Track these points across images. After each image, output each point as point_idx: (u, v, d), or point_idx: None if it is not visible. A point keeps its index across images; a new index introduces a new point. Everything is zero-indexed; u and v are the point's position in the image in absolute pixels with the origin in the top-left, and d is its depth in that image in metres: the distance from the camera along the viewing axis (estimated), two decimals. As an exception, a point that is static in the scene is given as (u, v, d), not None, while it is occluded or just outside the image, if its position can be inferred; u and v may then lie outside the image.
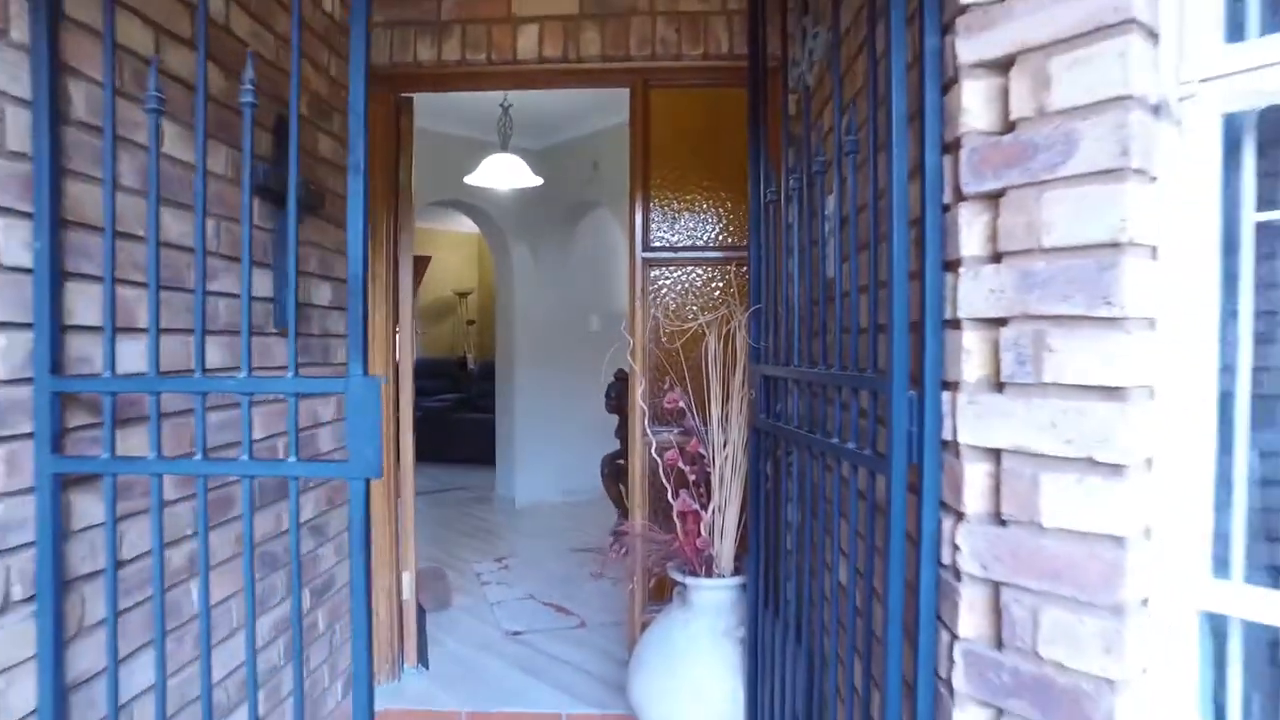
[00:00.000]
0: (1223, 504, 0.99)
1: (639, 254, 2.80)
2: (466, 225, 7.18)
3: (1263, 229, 0.98)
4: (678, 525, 2.35)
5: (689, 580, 2.27)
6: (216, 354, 1.78)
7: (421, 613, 3.03)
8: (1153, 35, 0.97)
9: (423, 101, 3.05)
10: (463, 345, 9.40)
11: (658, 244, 2.82)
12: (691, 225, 2.83)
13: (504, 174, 4.29)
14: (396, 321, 2.84)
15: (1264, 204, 0.97)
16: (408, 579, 2.92)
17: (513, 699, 2.77)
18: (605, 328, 6.09)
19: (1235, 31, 0.96)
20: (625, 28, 2.63)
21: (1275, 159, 0.97)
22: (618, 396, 4.64)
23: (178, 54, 1.64)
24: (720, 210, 2.82)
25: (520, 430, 5.90)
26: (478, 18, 2.65)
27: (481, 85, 2.90)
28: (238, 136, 1.33)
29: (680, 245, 2.83)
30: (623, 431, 4.75)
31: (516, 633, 3.39)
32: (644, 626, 2.59)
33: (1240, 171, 0.98)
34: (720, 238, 2.83)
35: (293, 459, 1.27)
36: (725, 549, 2.29)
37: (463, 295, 9.39)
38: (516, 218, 5.64)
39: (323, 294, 2.41)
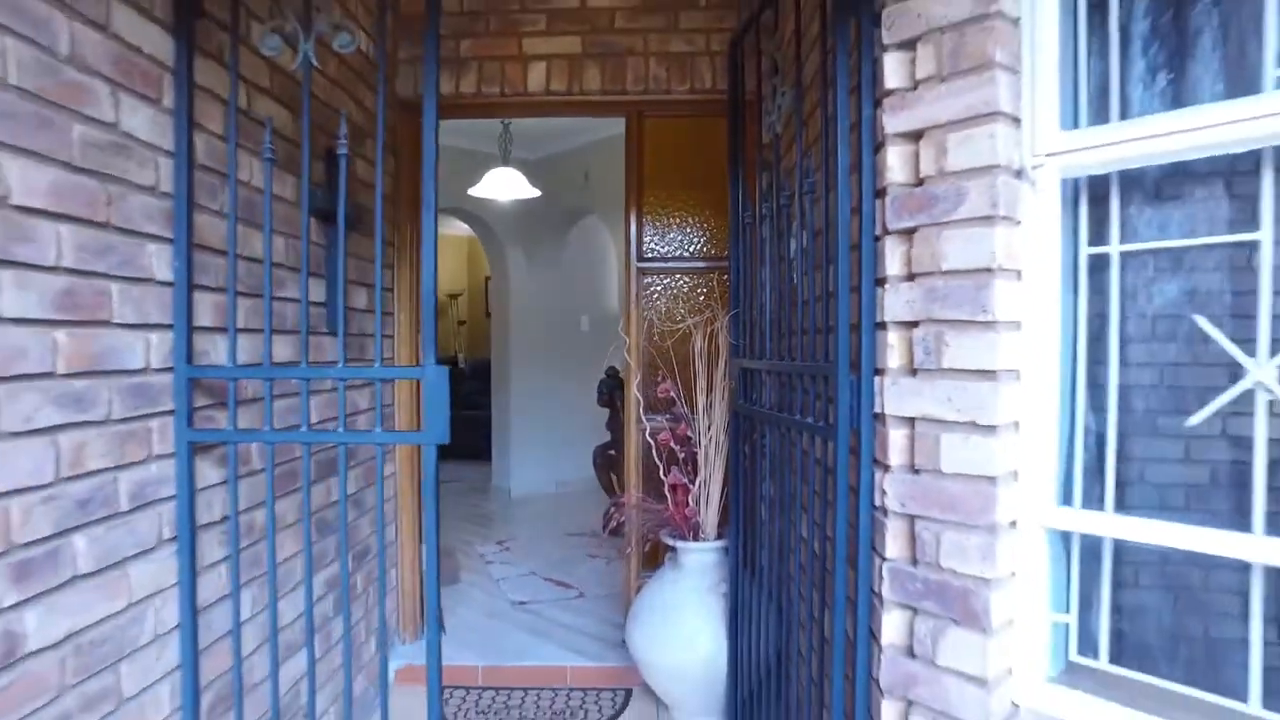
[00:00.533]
0: (1065, 454, 1.39)
1: (634, 263, 3.19)
2: (457, 228, 7.50)
3: (1093, 259, 1.38)
4: (669, 498, 2.73)
5: (679, 544, 2.66)
6: (282, 350, 2.13)
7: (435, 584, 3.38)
8: (1016, 121, 1.37)
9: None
10: (454, 345, 9.72)
11: (650, 255, 3.21)
12: (679, 238, 3.22)
13: (505, 186, 4.65)
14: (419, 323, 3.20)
15: (1093, 241, 1.37)
16: (424, 551, 3.27)
17: (522, 655, 3.14)
18: (594, 328, 6.47)
19: (1069, 120, 1.36)
20: (622, 66, 3.02)
21: (1102, 209, 1.37)
22: (609, 391, 5.02)
23: (261, 101, 2.00)
24: (704, 226, 3.21)
25: (515, 425, 6.25)
26: (493, 55, 3.02)
27: (495, 114, 3.28)
28: (300, 166, 1.67)
29: (670, 256, 3.22)
30: (613, 423, 5.14)
31: (521, 603, 3.76)
32: (638, 590, 2.97)
33: (1076, 218, 1.38)
34: (704, 250, 3.22)
35: (378, 430, 1.64)
36: (710, 517, 2.67)
37: (454, 297, 9.72)
38: (513, 225, 6.00)
39: (359, 299, 2.77)
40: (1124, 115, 1.32)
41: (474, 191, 4.83)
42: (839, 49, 1.59)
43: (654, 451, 2.84)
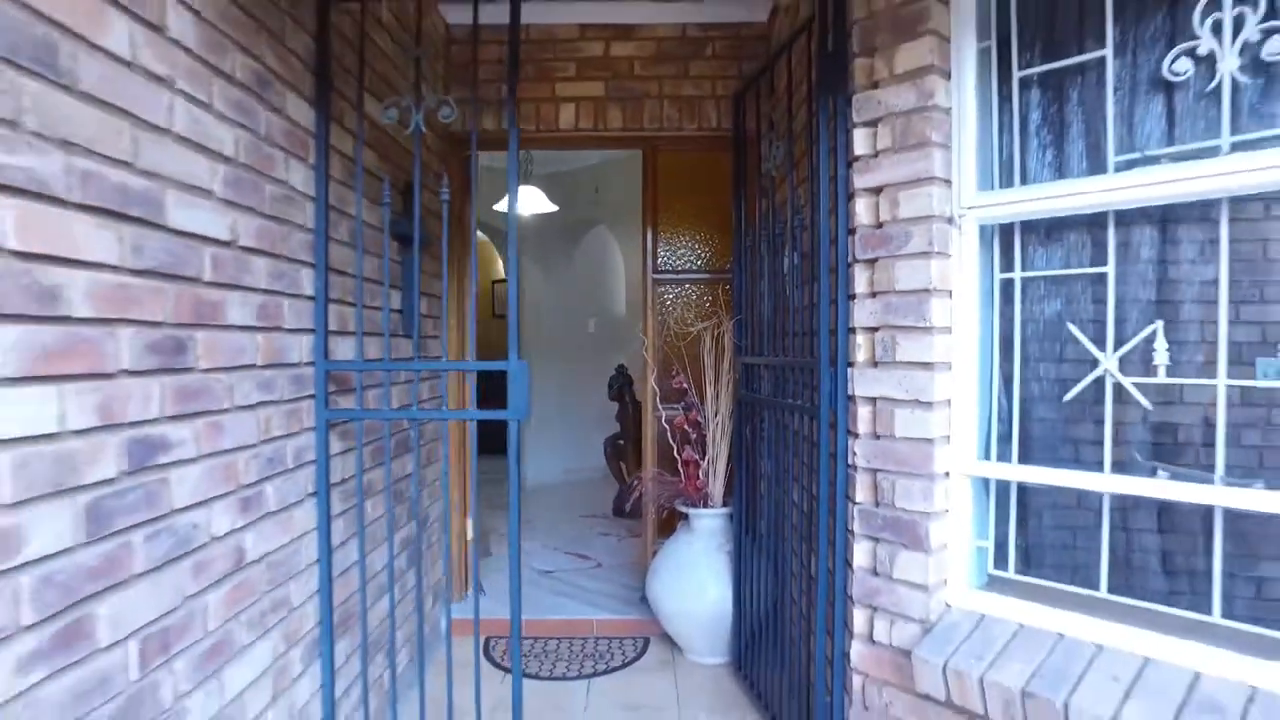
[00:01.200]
0: (983, 422, 1.92)
1: (649, 275, 3.71)
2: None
3: (1003, 282, 1.91)
4: (682, 472, 3.26)
5: (692, 511, 3.19)
6: (369, 349, 2.63)
7: (477, 552, 3.89)
8: (947, 183, 1.90)
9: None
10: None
11: (663, 268, 3.73)
12: (688, 254, 3.75)
13: (527, 203, 5.15)
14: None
15: (1003, 269, 1.90)
16: (470, 524, 3.79)
17: (554, 611, 3.66)
18: (600, 330, 6.99)
19: (985, 183, 1.89)
20: (640, 107, 3.54)
21: (1008, 246, 1.90)
22: (618, 386, 5.54)
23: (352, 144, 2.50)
24: (710, 243, 3.74)
25: (529, 419, 6.76)
26: (531, 97, 3.54)
27: (532, 147, 3.80)
28: (382, 193, 2.19)
29: (680, 269, 3.75)
30: (622, 415, 5.66)
31: (548, 571, 4.27)
32: (654, 552, 3.49)
33: (991, 252, 1.91)
34: (710, 263, 3.74)
35: (472, 408, 2.16)
36: (717, 489, 3.20)
37: (462, 299, 10.20)
38: (529, 236, 6.51)
39: (422, 306, 3.28)
40: (1023, 181, 1.86)
41: (498, 207, 5.34)
42: (820, 119, 2.12)
43: (669, 435, 3.37)
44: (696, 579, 3.12)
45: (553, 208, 5.34)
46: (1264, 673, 1.46)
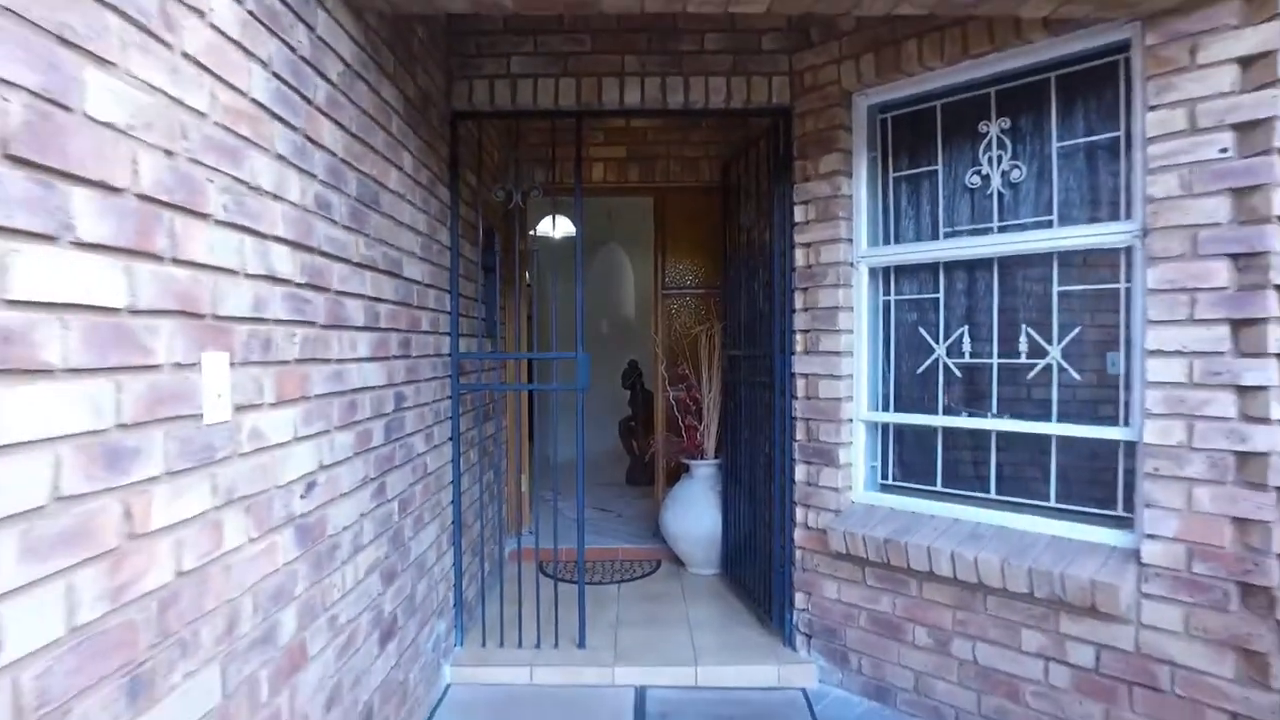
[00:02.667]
0: (871, 388, 3.13)
1: (660, 290, 4.91)
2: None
3: (884, 302, 3.12)
4: (685, 435, 4.46)
5: (692, 462, 4.39)
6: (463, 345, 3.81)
7: (535, 496, 5.09)
8: (850, 240, 3.11)
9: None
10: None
11: (669, 285, 4.93)
12: (688, 274, 4.95)
13: (558, 227, 6.34)
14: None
15: (884, 294, 3.11)
16: (524, 478, 4.99)
17: (587, 543, 4.84)
18: (611, 331, 8.18)
19: (872, 241, 3.10)
20: (653, 165, 4.74)
21: (887, 279, 3.10)
22: (630, 378, 6.73)
23: (463, 208, 3.69)
24: (704, 266, 4.94)
25: (553, 406, 7.95)
26: (568, 158, 4.72)
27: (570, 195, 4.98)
28: (477, 237, 3.38)
29: (682, 285, 4.95)
30: (634, 401, 6.85)
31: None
32: (665, 493, 4.68)
33: (878, 285, 3.12)
34: (703, 281, 4.95)
35: (553, 384, 3.35)
36: (710, 445, 4.40)
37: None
38: (555, 252, 7.68)
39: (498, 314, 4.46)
40: (895, 242, 3.06)
41: (532, 231, 6.52)
42: (775, 198, 3.33)
43: (675, 409, 4.57)
44: (696, 511, 4.32)
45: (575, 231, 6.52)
46: (1008, 518, 2.67)
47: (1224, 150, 2.12)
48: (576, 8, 2.37)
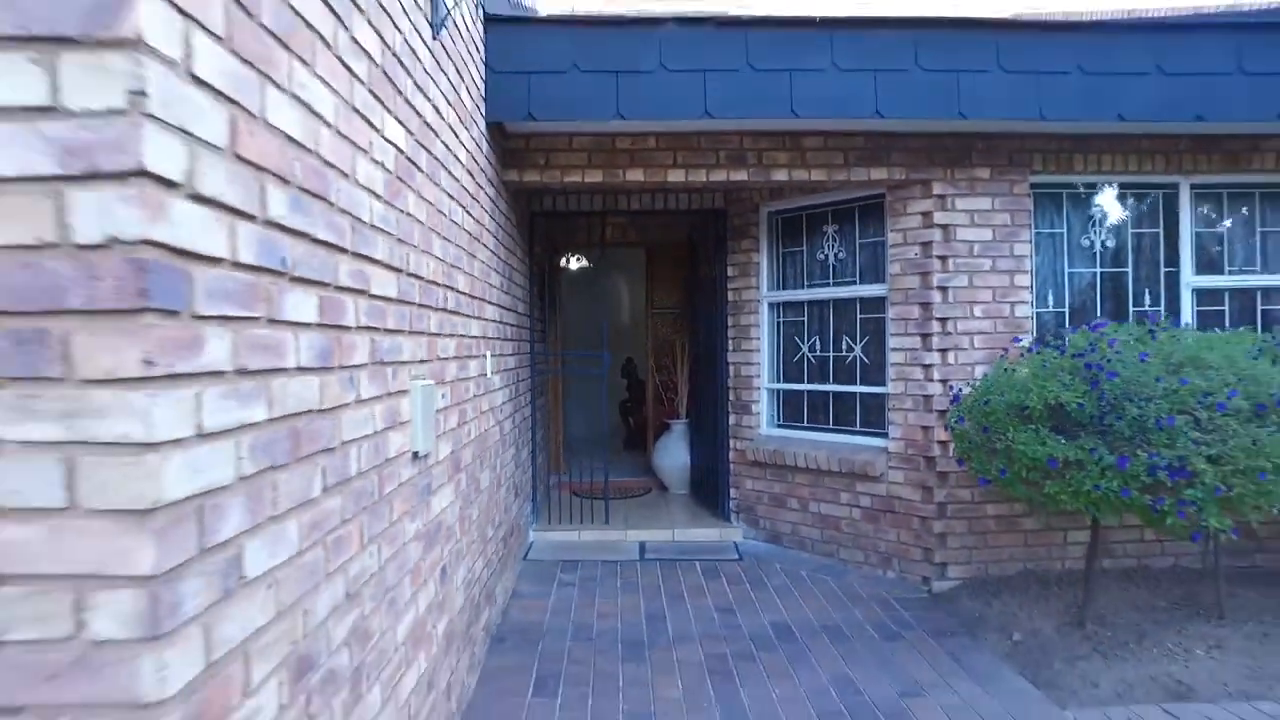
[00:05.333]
0: (771, 368, 5.58)
1: (650, 310, 7.34)
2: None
3: (777, 323, 5.56)
4: (667, 404, 6.89)
5: (672, 421, 6.82)
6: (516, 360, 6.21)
7: (563, 450, 7.48)
8: (758, 286, 5.55)
9: (558, 246, 7.55)
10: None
11: (656, 307, 7.36)
12: (668, 299, 7.38)
13: (575, 261, 8.73)
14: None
15: (777, 318, 5.56)
16: (560, 437, 7.39)
17: (601, 476, 7.26)
18: (611, 335, 10.58)
19: (772, 286, 5.54)
20: (645, 229, 7.16)
21: (781, 308, 5.53)
22: (628, 371, 9.16)
23: (504, 245, 6.10)
24: (679, 295, 7.37)
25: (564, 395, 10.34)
26: (593, 227, 7.14)
27: (588, 250, 7.41)
28: (524, 272, 5.77)
29: (665, 307, 7.38)
30: (630, 389, 9.28)
31: (595, 468, 7.87)
32: (654, 441, 7.10)
33: (773, 312, 5.57)
34: (679, 305, 7.37)
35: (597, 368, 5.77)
36: (682, 410, 6.83)
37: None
38: (569, 277, 10.09)
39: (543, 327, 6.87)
40: (783, 288, 5.50)
41: (563, 263, 8.90)
42: (718, 261, 5.76)
43: (660, 389, 7.00)
44: (673, 450, 6.74)
45: (587, 264, 8.96)
46: (836, 437, 5.12)
47: (915, 253, 4.58)
48: (611, 188, 4.76)
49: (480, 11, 3.67)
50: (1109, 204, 4.77)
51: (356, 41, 1.88)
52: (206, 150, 1.21)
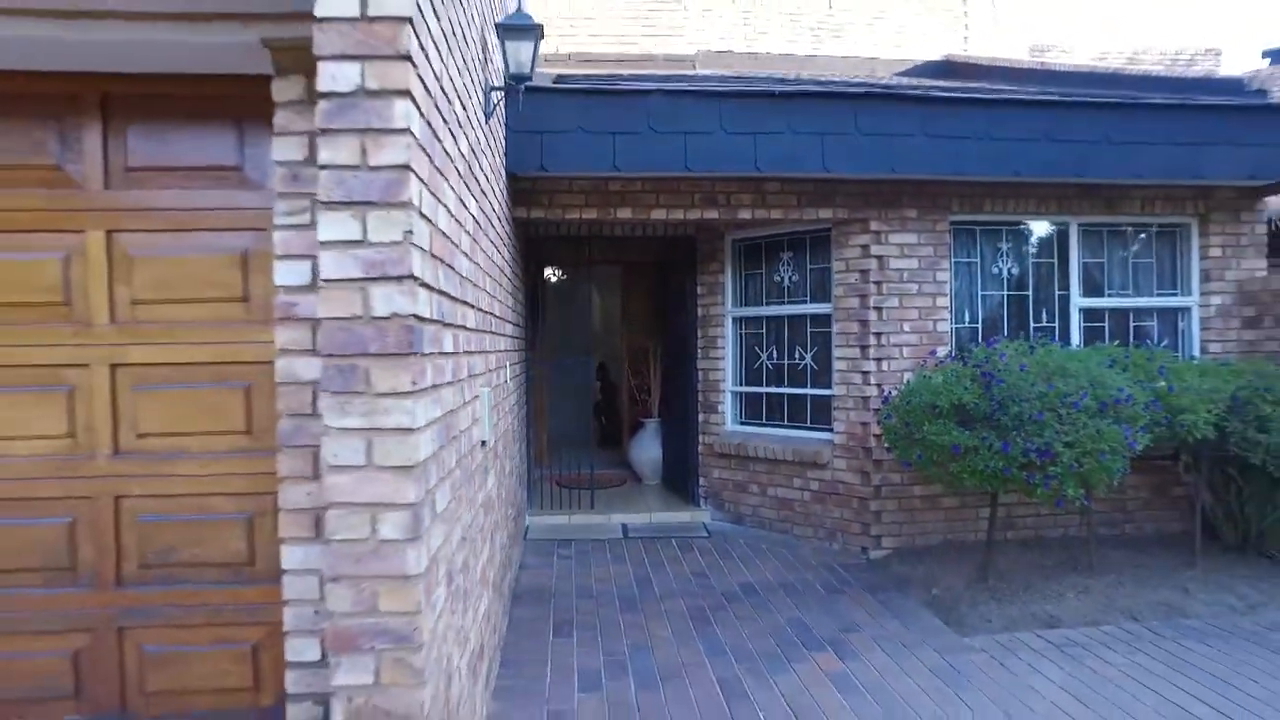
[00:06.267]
0: (734, 372, 6.50)
1: (624, 320, 8.20)
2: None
3: (740, 335, 6.48)
4: (641, 404, 7.76)
5: (645, 419, 7.69)
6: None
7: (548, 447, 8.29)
8: (724, 303, 6.46)
9: (542, 261, 8.37)
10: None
11: (629, 316, 8.23)
12: (640, 310, 8.26)
13: (556, 274, 9.52)
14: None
15: (740, 329, 6.48)
16: (544, 435, 8.20)
17: (581, 470, 8.08)
18: (585, 340, 11.40)
19: (735, 304, 6.46)
20: (621, 249, 8.02)
21: (743, 323, 6.45)
22: (601, 375, 10.01)
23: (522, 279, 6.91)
24: (650, 307, 8.26)
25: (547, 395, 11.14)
26: (579, 246, 7.97)
27: (572, 268, 8.24)
28: (521, 289, 6.60)
29: (640, 318, 8.26)
30: (604, 390, 10.13)
31: (571, 462, 8.69)
32: (630, 437, 7.96)
33: (737, 325, 6.49)
34: (651, 314, 8.25)
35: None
36: (655, 409, 7.71)
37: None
38: (554, 289, 10.88)
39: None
40: (745, 305, 6.42)
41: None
42: (686, 280, 6.65)
43: (634, 390, 7.86)
44: (646, 445, 7.62)
45: (563, 275, 9.79)
46: (791, 431, 6.06)
47: (855, 279, 5.53)
48: (603, 222, 5.59)
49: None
50: (1014, 238, 5.79)
51: (458, 149, 2.71)
52: (426, 255, 2.04)
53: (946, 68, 9.12)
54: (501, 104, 4.33)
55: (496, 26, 3.47)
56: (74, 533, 2.51)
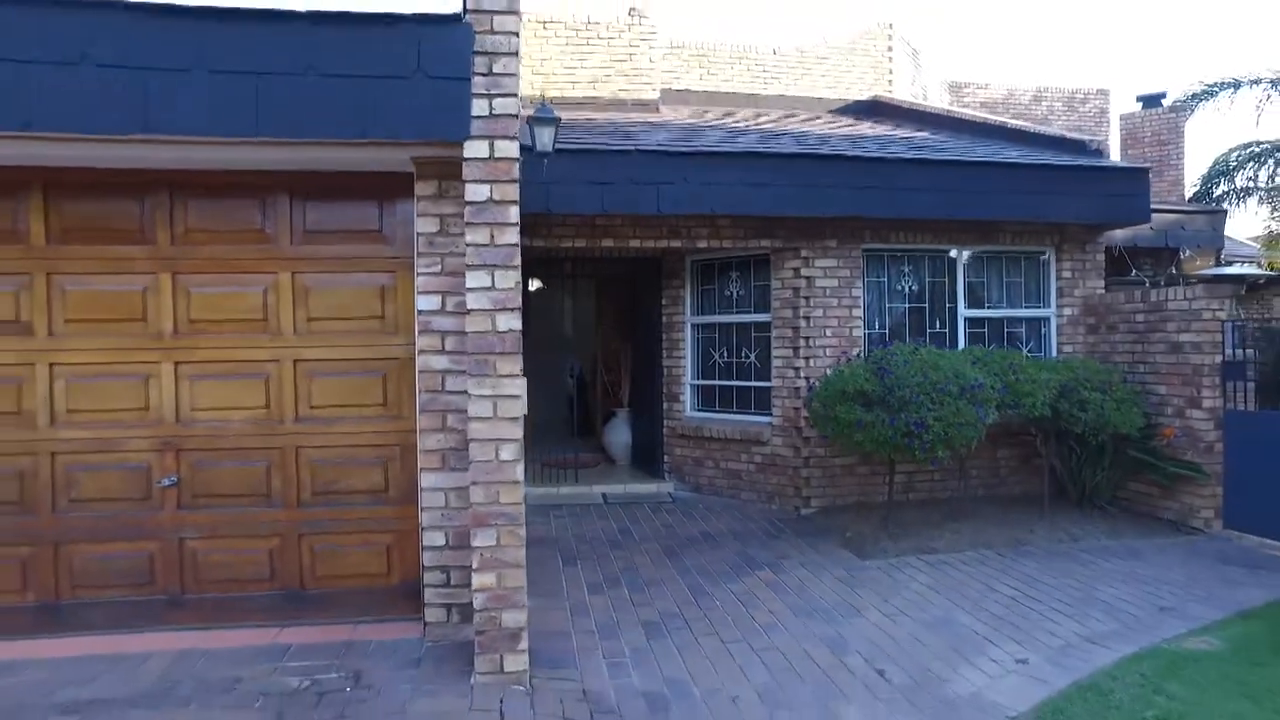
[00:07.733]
0: (693, 367, 7.94)
1: (602, 326, 9.58)
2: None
3: (698, 339, 7.92)
4: (614, 396, 9.15)
5: (617, 410, 9.08)
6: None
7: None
8: (685, 312, 7.89)
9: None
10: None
11: (603, 320, 9.61)
12: (614, 316, 9.64)
13: (535, 283, 10.82)
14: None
15: (698, 334, 7.92)
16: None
17: (559, 454, 9.42)
18: (561, 342, 12.73)
19: (694, 313, 7.90)
20: (596, 265, 9.40)
21: (700, 328, 7.88)
22: (574, 375, 11.37)
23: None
24: (623, 313, 9.65)
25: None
26: (566, 261, 9.31)
27: (557, 277, 9.58)
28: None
29: (612, 323, 9.64)
30: (577, 388, 11.49)
31: (551, 451, 10.03)
32: (604, 424, 9.33)
33: (696, 330, 7.93)
34: (624, 320, 9.64)
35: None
36: (625, 401, 9.11)
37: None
38: (533, 296, 12.17)
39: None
40: (703, 314, 7.86)
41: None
42: (654, 292, 8.06)
43: (607, 385, 9.25)
44: (619, 430, 9.01)
45: (543, 287, 11.11)
46: (740, 416, 7.52)
47: (789, 294, 7.02)
48: (588, 248, 6.96)
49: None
50: (913, 262, 7.34)
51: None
52: (520, 295, 3.40)
53: (873, 106, 10.75)
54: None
55: (528, 119, 4.82)
56: (270, 471, 3.79)
